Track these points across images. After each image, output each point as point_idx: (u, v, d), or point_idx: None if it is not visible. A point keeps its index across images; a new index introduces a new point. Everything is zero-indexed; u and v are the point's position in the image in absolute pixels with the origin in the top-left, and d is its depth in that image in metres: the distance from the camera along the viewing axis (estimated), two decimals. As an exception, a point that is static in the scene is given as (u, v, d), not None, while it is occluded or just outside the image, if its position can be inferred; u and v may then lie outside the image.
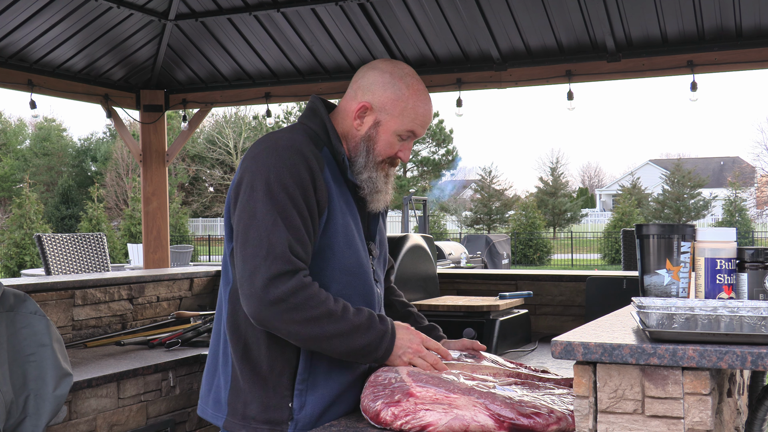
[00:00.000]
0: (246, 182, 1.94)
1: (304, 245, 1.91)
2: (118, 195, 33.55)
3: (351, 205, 2.06)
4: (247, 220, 1.91)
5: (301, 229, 1.90)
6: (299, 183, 1.91)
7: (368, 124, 2.06)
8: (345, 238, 2.01)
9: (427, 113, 2.09)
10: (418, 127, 2.08)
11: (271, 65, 6.30)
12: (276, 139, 1.98)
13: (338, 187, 2.03)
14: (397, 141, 2.07)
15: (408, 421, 1.84)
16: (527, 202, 34.80)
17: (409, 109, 2.05)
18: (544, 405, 1.85)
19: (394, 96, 2.05)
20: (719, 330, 1.43)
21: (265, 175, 1.91)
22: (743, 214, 32.28)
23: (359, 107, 2.05)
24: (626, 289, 3.38)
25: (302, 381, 1.98)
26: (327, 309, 1.88)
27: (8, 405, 2.51)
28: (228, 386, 2.03)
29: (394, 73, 2.07)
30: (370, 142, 2.06)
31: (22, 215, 20.62)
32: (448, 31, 5.59)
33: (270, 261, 1.85)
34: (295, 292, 1.85)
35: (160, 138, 6.83)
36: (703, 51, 5.24)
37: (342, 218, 2.01)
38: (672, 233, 1.82)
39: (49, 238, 5.65)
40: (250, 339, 1.98)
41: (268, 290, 1.84)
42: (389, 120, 2.05)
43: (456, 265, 16.40)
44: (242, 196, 1.94)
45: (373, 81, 2.07)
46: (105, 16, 5.62)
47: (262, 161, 1.93)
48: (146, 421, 3.32)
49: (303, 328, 1.87)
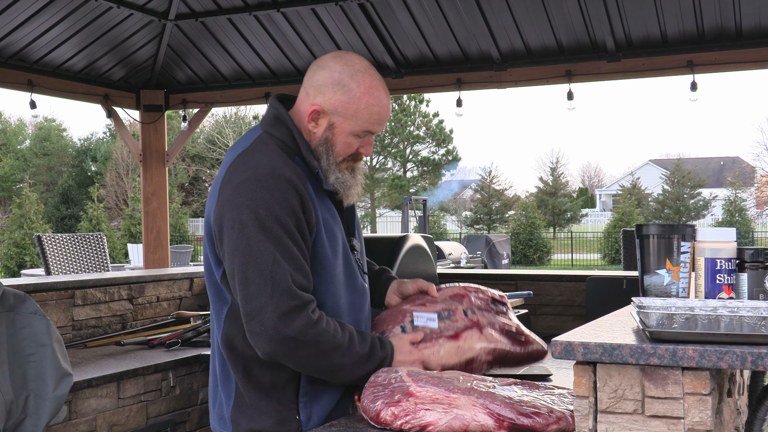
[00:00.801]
0: (232, 216, 1.88)
1: (305, 273, 1.90)
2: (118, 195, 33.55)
3: (331, 209, 2.04)
4: (244, 258, 1.86)
5: (300, 259, 1.88)
6: (290, 212, 1.88)
7: (323, 127, 2.00)
8: (332, 248, 2.00)
9: (381, 111, 2.01)
10: (373, 126, 2.01)
11: (271, 65, 6.30)
12: (255, 167, 1.91)
13: (318, 196, 2.01)
14: (355, 140, 2.02)
15: (408, 420, 1.84)
16: (527, 202, 34.79)
17: (362, 110, 1.98)
18: (543, 405, 1.85)
19: (345, 99, 1.97)
20: (719, 330, 1.43)
21: (253, 209, 1.86)
22: (743, 214, 32.27)
23: (311, 111, 1.99)
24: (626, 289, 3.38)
25: (305, 393, 1.98)
26: (335, 342, 1.89)
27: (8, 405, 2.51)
28: (231, 402, 2.01)
29: (343, 72, 1.98)
30: (328, 144, 2.00)
31: (22, 215, 20.62)
32: (448, 31, 5.59)
33: (277, 298, 1.83)
34: (306, 330, 1.85)
35: (160, 138, 6.83)
36: (703, 51, 5.24)
37: (327, 229, 1.99)
38: (672, 233, 1.82)
39: (49, 238, 5.65)
40: (248, 357, 1.97)
41: (279, 328, 1.83)
42: (343, 122, 1.99)
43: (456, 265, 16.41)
44: (231, 232, 1.88)
45: (323, 82, 1.99)
46: (105, 16, 5.62)
47: (247, 194, 1.87)
48: (146, 421, 3.32)
49: (312, 362, 1.89)
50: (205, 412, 3.71)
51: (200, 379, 3.62)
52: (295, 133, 2.00)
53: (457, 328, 2.10)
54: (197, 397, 3.61)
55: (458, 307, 2.13)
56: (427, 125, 36.19)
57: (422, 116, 36.05)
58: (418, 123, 36.04)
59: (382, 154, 36.48)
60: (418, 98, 35.17)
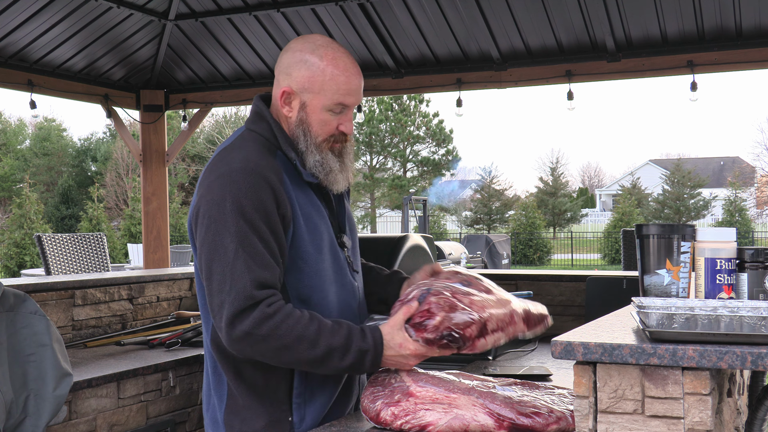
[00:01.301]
0: (202, 213, 1.88)
1: (270, 269, 1.85)
2: (118, 195, 33.55)
3: (315, 203, 2.00)
4: (209, 254, 1.86)
5: (264, 255, 1.84)
6: (258, 206, 1.85)
7: (296, 109, 1.98)
8: (313, 244, 1.96)
9: (349, 80, 1.97)
10: (344, 97, 1.97)
11: (271, 65, 6.30)
12: (229, 162, 1.90)
13: (301, 191, 1.97)
14: (331, 116, 1.98)
15: (408, 420, 1.84)
16: (527, 202, 34.79)
17: (328, 82, 1.95)
18: (543, 405, 1.85)
19: (309, 73, 1.95)
20: (719, 330, 1.43)
21: (221, 204, 1.85)
22: (743, 214, 32.26)
23: (281, 94, 1.98)
24: (626, 289, 3.38)
25: (299, 395, 1.95)
26: (297, 335, 1.82)
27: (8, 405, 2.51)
28: (223, 405, 1.99)
29: (304, 50, 1.97)
30: (304, 125, 1.97)
31: (22, 215, 20.61)
32: (448, 31, 5.59)
33: (232, 297, 1.81)
34: (259, 324, 1.80)
35: (160, 138, 6.83)
36: (703, 51, 5.24)
37: (307, 224, 1.95)
38: (672, 233, 1.82)
39: (49, 238, 5.65)
40: (238, 360, 1.94)
41: (232, 327, 1.81)
42: (313, 99, 1.96)
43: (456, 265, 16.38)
44: (201, 227, 1.88)
45: (288, 63, 1.98)
46: (105, 16, 5.62)
47: (218, 190, 1.87)
48: (146, 421, 3.32)
49: (277, 356, 1.84)
50: (205, 412, 3.70)
51: (200, 379, 3.62)
52: (274, 127, 1.99)
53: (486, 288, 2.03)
54: (197, 397, 3.61)
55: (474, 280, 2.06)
56: (427, 125, 36.19)
57: (422, 116, 36.05)
58: (418, 123, 36.04)
59: (382, 154, 36.48)
60: (418, 98, 35.18)
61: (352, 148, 2.08)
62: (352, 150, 2.09)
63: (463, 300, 1.90)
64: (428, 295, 1.90)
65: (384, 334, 1.89)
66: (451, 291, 1.91)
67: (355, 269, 2.11)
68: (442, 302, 1.87)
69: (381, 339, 1.89)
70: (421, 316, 1.87)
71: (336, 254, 2.03)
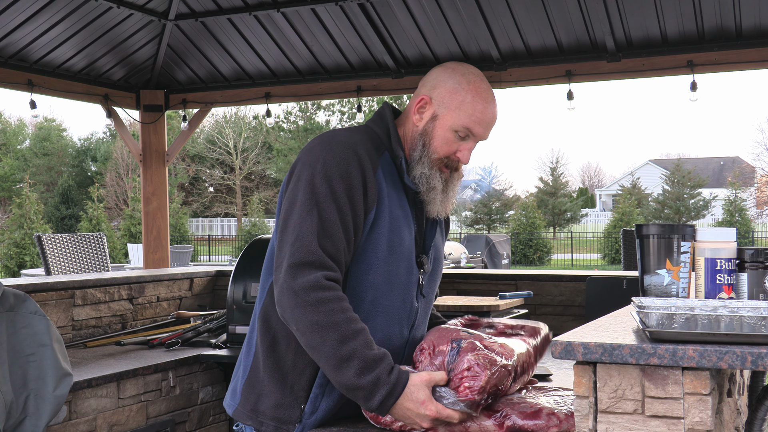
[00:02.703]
0: (296, 173, 1.94)
1: (334, 240, 1.85)
2: (118, 195, 33.55)
3: (406, 211, 2.01)
4: (288, 208, 1.91)
5: (336, 223, 1.86)
6: (345, 177, 1.89)
7: (426, 119, 2.03)
8: (390, 244, 1.95)
9: (486, 111, 2.03)
10: (475, 125, 2.02)
11: (271, 65, 6.30)
12: (334, 134, 1.98)
13: (395, 192, 1.99)
14: (455, 138, 2.02)
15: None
16: (527, 202, 34.78)
17: (467, 104, 2.01)
18: (545, 406, 1.85)
19: (452, 89, 2.02)
20: (719, 330, 1.43)
21: (313, 166, 1.91)
22: (743, 214, 32.24)
23: (419, 101, 2.04)
24: (626, 289, 3.38)
25: (320, 386, 1.93)
26: (335, 321, 1.77)
27: (8, 405, 2.51)
28: (246, 375, 2.01)
29: (456, 70, 2.06)
30: (426, 136, 2.02)
31: (22, 215, 20.61)
32: (448, 31, 5.59)
33: (295, 248, 1.83)
34: (308, 290, 1.79)
35: (160, 138, 6.83)
36: (703, 51, 5.24)
37: (391, 223, 1.96)
38: (672, 233, 1.82)
39: (49, 238, 5.65)
40: (279, 333, 1.95)
41: (287, 278, 1.81)
42: (446, 113, 2.01)
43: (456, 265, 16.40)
44: (291, 186, 1.94)
45: (436, 76, 2.06)
46: (105, 16, 5.62)
47: (315, 153, 1.93)
48: (146, 421, 3.32)
49: (307, 332, 1.79)
50: (205, 412, 3.71)
51: (200, 379, 3.62)
52: (391, 128, 2.04)
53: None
54: (197, 397, 3.61)
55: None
56: (427, 125, 36.14)
57: (422, 116, 36.02)
58: (418, 123, 36.00)
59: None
60: (418, 98, 35.14)
61: (459, 182, 2.11)
62: (458, 184, 2.11)
63: (494, 347, 1.82)
64: (462, 351, 1.79)
65: (410, 384, 1.78)
66: (480, 341, 1.83)
67: (423, 293, 2.08)
68: (482, 360, 1.76)
69: (405, 384, 1.78)
70: (463, 377, 1.75)
71: (411, 268, 2.01)
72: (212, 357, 3.56)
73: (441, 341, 1.85)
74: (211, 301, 4.66)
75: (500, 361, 1.77)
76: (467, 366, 1.75)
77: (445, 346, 1.82)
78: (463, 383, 1.75)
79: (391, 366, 1.79)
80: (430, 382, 1.78)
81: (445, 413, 1.76)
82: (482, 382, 1.74)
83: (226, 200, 38.82)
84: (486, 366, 1.75)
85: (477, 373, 1.74)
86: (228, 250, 30.80)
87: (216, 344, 3.68)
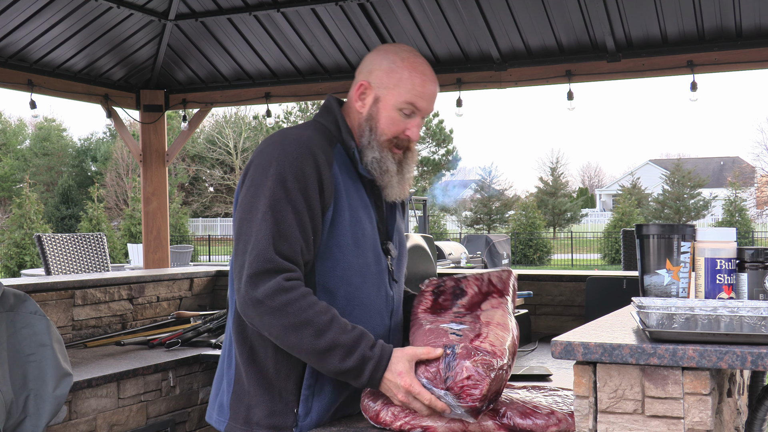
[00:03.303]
0: (249, 176, 1.93)
1: (291, 242, 1.84)
2: (118, 195, 33.54)
3: (365, 201, 2.01)
4: (242, 214, 1.89)
5: (292, 224, 1.85)
6: (300, 176, 1.87)
7: (369, 103, 2.03)
8: (353, 237, 1.95)
9: (425, 84, 2.02)
10: (417, 98, 2.00)
11: (271, 65, 6.30)
12: (284, 134, 1.96)
13: (352, 183, 1.99)
14: (400, 117, 2.01)
15: (408, 421, 1.83)
16: (527, 202, 34.78)
17: (405, 80, 2.00)
18: (545, 406, 1.85)
19: (388, 68, 2.02)
20: (719, 330, 1.43)
21: (266, 167, 1.89)
22: (743, 214, 32.24)
23: (358, 87, 2.04)
24: (626, 289, 3.38)
25: (308, 387, 1.92)
26: (306, 318, 1.79)
27: (8, 405, 2.51)
28: (231, 389, 1.98)
29: (389, 50, 2.06)
30: (372, 120, 2.02)
31: (22, 215, 20.61)
32: (448, 31, 5.59)
33: (252, 258, 1.82)
34: (272, 295, 1.79)
35: (160, 138, 6.83)
36: (703, 51, 5.24)
37: (351, 216, 1.95)
38: (672, 233, 1.82)
39: (49, 238, 5.65)
40: (255, 341, 1.94)
41: (248, 289, 1.81)
42: (387, 94, 2.01)
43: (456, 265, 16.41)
44: (244, 190, 1.93)
45: (371, 61, 2.06)
46: (105, 16, 5.62)
47: (267, 154, 1.92)
48: (146, 421, 3.32)
49: (282, 335, 1.80)
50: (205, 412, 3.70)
51: (200, 379, 3.62)
52: (340, 120, 2.04)
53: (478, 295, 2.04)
54: (197, 397, 3.61)
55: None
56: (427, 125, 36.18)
57: (422, 116, 36.01)
58: (418, 123, 36.00)
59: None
60: (418, 98, 35.11)
61: (413, 161, 2.09)
62: (413, 164, 2.10)
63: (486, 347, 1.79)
64: (459, 357, 1.77)
65: (393, 356, 1.82)
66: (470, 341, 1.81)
67: (395, 279, 2.09)
68: (481, 368, 1.74)
69: (389, 357, 1.82)
70: (464, 386, 1.75)
71: (378, 257, 2.02)
72: (212, 357, 3.56)
73: (432, 336, 1.85)
74: (211, 301, 4.66)
75: (497, 363, 1.76)
76: (467, 375, 1.74)
77: (441, 350, 1.80)
78: (465, 392, 1.74)
79: (372, 341, 1.83)
80: (413, 356, 1.80)
81: (416, 389, 1.77)
82: (484, 390, 1.73)
83: (226, 200, 38.82)
84: (486, 374, 1.74)
85: (478, 381, 1.73)
86: (228, 250, 30.80)
87: (216, 344, 3.68)
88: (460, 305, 2.03)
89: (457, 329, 1.88)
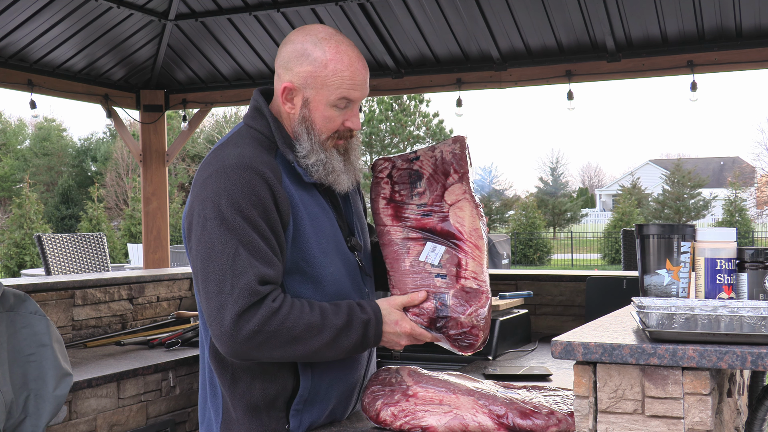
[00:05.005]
0: (197, 212, 1.81)
1: (272, 265, 1.78)
2: (118, 195, 33.54)
3: (322, 204, 1.92)
4: (205, 253, 1.76)
5: (267, 252, 1.77)
6: (255, 202, 1.77)
7: (299, 105, 1.90)
8: (319, 246, 1.88)
9: (354, 74, 1.88)
10: (349, 92, 1.88)
11: (272, 65, 6.30)
12: (223, 158, 1.83)
13: (304, 190, 1.90)
14: (336, 112, 1.89)
15: (408, 421, 1.84)
16: (527, 202, 34.78)
17: (331, 77, 1.86)
18: (545, 406, 1.85)
19: (311, 68, 1.86)
20: (719, 330, 1.43)
21: (215, 201, 1.77)
22: (743, 214, 32.24)
23: (283, 90, 1.90)
24: (626, 289, 3.38)
25: (298, 403, 1.89)
26: (306, 324, 1.77)
27: (8, 405, 2.51)
28: (219, 418, 1.93)
29: (306, 42, 1.88)
30: (307, 122, 1.89)
31: (22, 215, 20.61)
32: (448, 31, 5.59)
33: (236, 295, 1.72)
34: (267, 321, 1.73)
35: (160, 138, 6.83)
36: (703, 51, 5.24)
37: (312, 225, 1.88)
38: (672, 233, 1.82)
39: (49, 238, 5.65)
40: (237, 369, 1.88)
41: (238, 328, 1.72)
42: (315, 95, 1.88)
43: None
44: (195, 228, 1.80)
45: (289, 57, 1.90)
46: (105, 16, 5.62)
47: (212, 187, 1.79)
48: (146, 421, 3.32)
49: (287, 351, 1.78)
50: (205, 412, 3.70)
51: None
52: (273, 125, 1.92)
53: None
54: (197, 397, 3.61)
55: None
56: (427, 125, 36.17)
57: (422, 116, 36.04)
58: (418, 123, 36.02)
59: (382, 154, 36.48)
60: (418, 98, 35.17)
61: (358, 144, 2.01)
62: (359, 146, 2.01)
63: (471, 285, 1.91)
64: (452, 311, 1.89)
65: (381, 309, 1.89)
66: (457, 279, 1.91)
67: (367, 273, 2.04)
68: (475, 320, 1.89)
69: (379, 310, 1.89)
70: (461, 337, 1.90)
71: (347, 258, 1.95)
72: (212, 357, 3.56)
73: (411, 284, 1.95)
74: (211, 301, 4.66)
75: (487, 305, 1.90)
76: (463, 331, 1.89)
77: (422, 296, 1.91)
78: (462, 341, 1.91)
79: (358, 305, 1.87)
80: (400, 305, 1.90)
81: (417, 331, 1.89)
82: (481, 338, 1.91)
83: (226, 200, 38.77)
84: (482, 323, 1.89)
85: (475, 333, 1.90)
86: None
87: (216, 344, 3.68)
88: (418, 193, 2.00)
89: (436, 263, 1.92)
